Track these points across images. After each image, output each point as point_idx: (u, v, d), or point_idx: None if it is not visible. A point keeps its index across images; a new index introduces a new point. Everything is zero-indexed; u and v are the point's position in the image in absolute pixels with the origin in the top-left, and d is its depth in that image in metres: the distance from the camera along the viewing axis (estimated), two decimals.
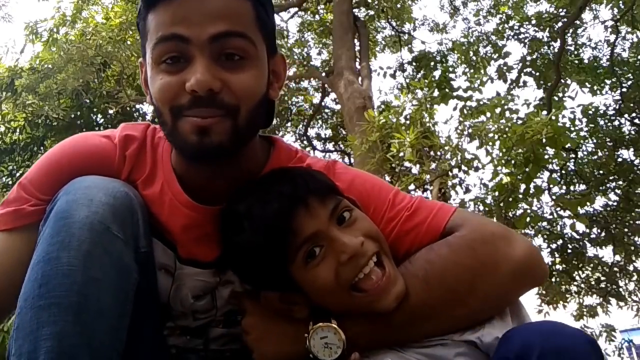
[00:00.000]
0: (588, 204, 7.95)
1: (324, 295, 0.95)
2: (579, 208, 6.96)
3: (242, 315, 1.06)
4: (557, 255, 8.88)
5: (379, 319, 0.96)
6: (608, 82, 9.41)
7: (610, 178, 9.12)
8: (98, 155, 1.08)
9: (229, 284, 1.11)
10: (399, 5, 10.08)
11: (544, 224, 8.53)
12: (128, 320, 0.91)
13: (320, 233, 0.93)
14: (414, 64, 9.89)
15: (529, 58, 9.27)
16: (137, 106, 9.34)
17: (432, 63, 9.29)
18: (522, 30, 9.67)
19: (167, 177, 1.09)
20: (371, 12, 10.34)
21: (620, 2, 8.38)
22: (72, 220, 0.89)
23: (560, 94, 9.09)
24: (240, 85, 0.96)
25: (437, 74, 8.06)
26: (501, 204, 5.71)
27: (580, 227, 8.29)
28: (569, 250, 8.76)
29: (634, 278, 9.11)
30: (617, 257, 8.90)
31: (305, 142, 11.14)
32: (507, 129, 5.20)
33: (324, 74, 9.85)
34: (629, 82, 9.20)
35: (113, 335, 0.88)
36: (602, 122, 9.19)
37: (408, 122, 5.35)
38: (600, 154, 9.30)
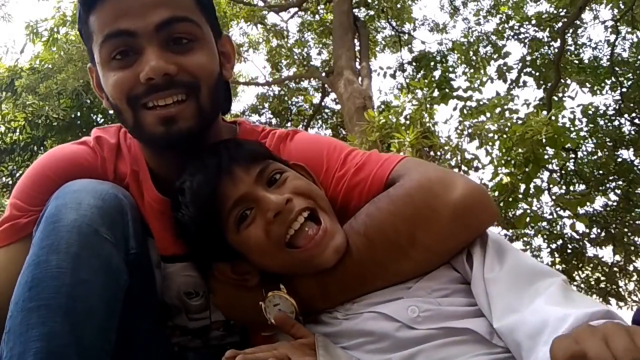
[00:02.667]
0: (588, 203, 7.96)
1: (261, 255, 0.96)
2: (578, 208, 6.96)
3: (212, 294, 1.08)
4: (557, 255, 8.88)
5: (327, 279, 0.96)
6: (608, 82, 9.42)
7: (610, 178, 9.12)
8: (80, 161, 1.10)
9: None
10: (399, 5, 10.08)
11: (544, 224, 8.54)
12: (117, 321, 0.91)
13: (247, 196, 0.95)
14: (414, 64, 9.88)
15: (529, 58, 9.26)
16: None
17: (432, 63, 9.28)
18: (522, 30, 9.67)
19: (144, 175, 1.11)
20: (371, 12, 10.34)
21: (620, 2, 8.38)
22: (61, 224, 0.90)
23: (560, 94, 9.10)
24: (195, 65, 0.98)
25: (437, 74, 8.08)
26: (501, 204, 5.71)
27: (580, 227, 8.30)
28: (569, 250, 8.77)
29: (634, 278, 9.11)
30: (617, 257, 8.92)
31: None
32: (507, 129, 5.21)
33: (324, 74, 9.85)
34: (629, 82, 9.21)
35: (102, 335, 0.88)
36: (602, 122, 9.19)
37: (408, 122, 5.34)
38: (600, 154, 9.30)
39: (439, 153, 6.09)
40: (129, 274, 0.96)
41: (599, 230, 8.83)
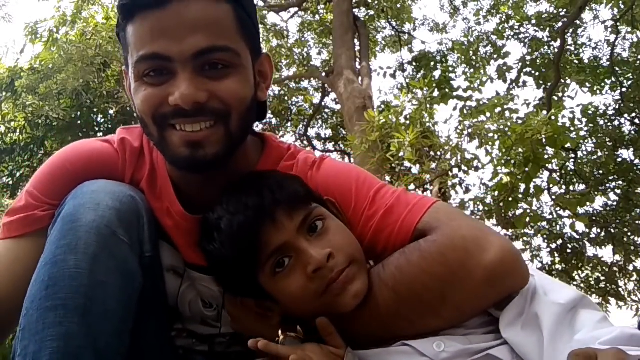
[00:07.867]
0: (588, 203, 7.96)
1: (292, 303, 0.95)
2: (578, 208, 6.96)
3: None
4: (556, 255, 8.88)
5: (351, 328, 0.95)
6: (608, 82, 9.41)
7: (610, 178, 9.12)
8: (101, 159, 1.09)
9: None
10: (399, 5, 10.08)
11: (544, 223, 8.53)
12: (131, 324, 0.92)
13: (287, 244, 0.92)
14: (414, 64, 9.89)
15: (528, 58, 9.26)
16: None
17: (432, 63, 9.29)
18: (522, 30, 9.67)
19: (164, 183, 1.10)
20: (371, 12, 10.34)
21: (620, 2, 8.38)
22: (80, 224, 0.90)
23: (560, 94, 9.09)
24: (227, 92, 0.95)
25: (437, 74, 8.09)
26: (501, 204, 5.71)
27: (580, 226, 8.30)
28: (569, 250, 8.77)
29: (634, 278, 9.11)
30: (617, 257, 8.91)
31: (305, 142, 11.14)
32: (506, 128, 5.21)
33: (324, 74, 9.85)
34: (629, 82, 9.19)
35: (117, 338, 0.88)
36: (602, 122, 9.18)
37: (408, 122, 5.35)
38: (600, 153, 9.29)
39: (439, 153, 6.09)
40: (143, 277, 0.96)
41: (598, 230, 8.82)
